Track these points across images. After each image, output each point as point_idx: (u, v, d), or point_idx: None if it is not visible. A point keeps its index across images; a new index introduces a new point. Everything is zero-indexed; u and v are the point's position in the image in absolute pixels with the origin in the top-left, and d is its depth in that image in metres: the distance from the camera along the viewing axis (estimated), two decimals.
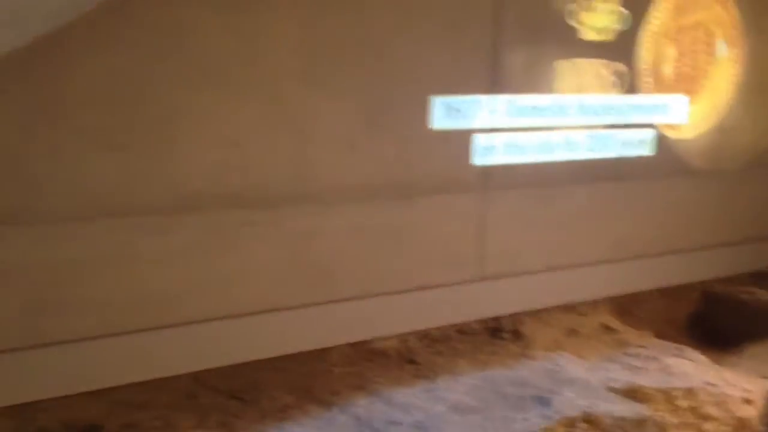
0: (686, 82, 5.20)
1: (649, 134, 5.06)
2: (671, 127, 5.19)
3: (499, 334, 4.62)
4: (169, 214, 3.55)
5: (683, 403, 4.14)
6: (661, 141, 5.12)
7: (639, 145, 5.03)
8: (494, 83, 4.38)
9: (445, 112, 4.22)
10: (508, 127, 4.47)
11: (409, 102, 4.12)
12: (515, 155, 4.52)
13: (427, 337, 4.44)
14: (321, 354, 4.09)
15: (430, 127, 4.19)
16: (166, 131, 3.49)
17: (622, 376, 4.13)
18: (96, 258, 3.42)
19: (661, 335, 4.99)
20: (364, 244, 4.14)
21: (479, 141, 4.39)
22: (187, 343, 3.68)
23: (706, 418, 4.19)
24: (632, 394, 3.95)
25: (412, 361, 4.22)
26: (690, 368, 4.36)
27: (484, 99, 4.34)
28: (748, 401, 4.23)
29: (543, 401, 3.66)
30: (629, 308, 5.28)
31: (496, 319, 4.68)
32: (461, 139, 4.34)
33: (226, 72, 3.58)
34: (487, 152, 4.43)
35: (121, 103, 3.37)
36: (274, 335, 3.93)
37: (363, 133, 4.01)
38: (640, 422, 3.65)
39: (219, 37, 3.54)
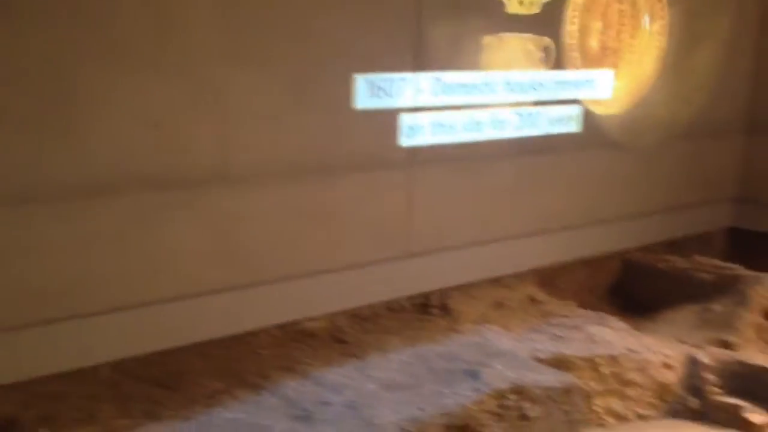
0: (611, 56, 5.26)
1: (575, 110, 5.12)
2: (596, 101, 5.26)
3: (428, 310, 4.64)
4: (84, 197, 3.40)
5: (607, 370, 4.24)
6: (586, 115, 5.19)
7: (566, 121, 5.09)
8: (418, 60, 4.34)
9: (369, 90, 4.16)
10: (434, 106, 4.45)
11: (333, 79, 4.04)
12: (442, 134, 4.51)
13: (356, 315, 4.42)
14: (248, 337, 4.02)
15: (354, 104, 4.13)
16: (82, 111, 3.33)
17: (548, 347, 4.20)
18: (5, 246, 3.26)
19: (584, 305, 5.11)
20: (289, 223, 4.07)
21: (405, 120, 4.35)
22: (107, 332, 3.56)
23: (629, 384, 4.31)
24: (558, 363, 4.03)
25: (341, 341, 4.19)
26: (612, 336, 4.47)
27: (408, 77, 4.30)
28: (668, 366, 4.37)
29: (473, 374, 3.69)
30: (553, 279, 5.38)
31: (425, 294, 4.69)
32: (387, 115, 4.30)
33: (143, 49, 3.43)
34: (413, 131, 4.40)
35: (31, 81, 3.20)
36: (199, 320, 3.83)
37: (287, 110, 3.93)
38: (567, 391, 3.72)
39: (135, 13, 3.38)
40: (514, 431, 3.52)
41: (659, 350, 4.43)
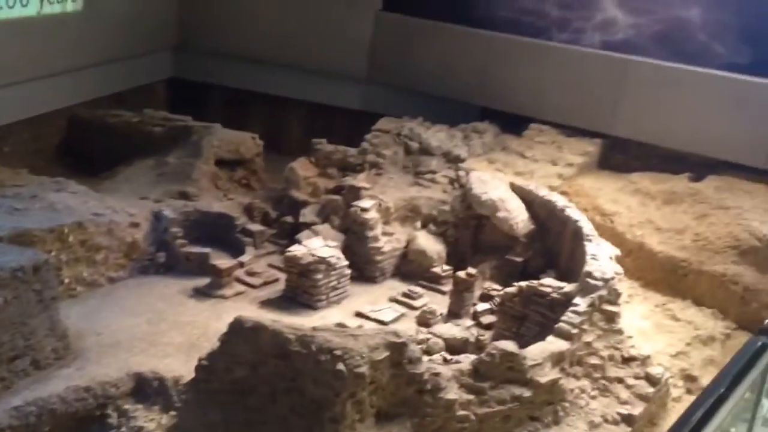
0: None
1: None
2: None
3: None
4: None
5: (73, 238, 3.95)
6: None
7: None
8: None
9: None
10: None
11: None
12: None
13: None
14: None
15: None
16: None
17: (7, 222, 3.71)
18: None
19: (34, 170, 4.64)
20: None
21: None
22: None
23: (98, 248, 4.10)
24: (21, 239, 3.61)
25: None
26: (74, 201, 4.18)
27: None
28: (134, 225, 4.28)
29: None
30: None
31: None
32: None
33: None
34: None
35: None
36: None
37: None
38: (36, 268, 3.34)
39: None
40: None
41: (124, 210, 4.30)
